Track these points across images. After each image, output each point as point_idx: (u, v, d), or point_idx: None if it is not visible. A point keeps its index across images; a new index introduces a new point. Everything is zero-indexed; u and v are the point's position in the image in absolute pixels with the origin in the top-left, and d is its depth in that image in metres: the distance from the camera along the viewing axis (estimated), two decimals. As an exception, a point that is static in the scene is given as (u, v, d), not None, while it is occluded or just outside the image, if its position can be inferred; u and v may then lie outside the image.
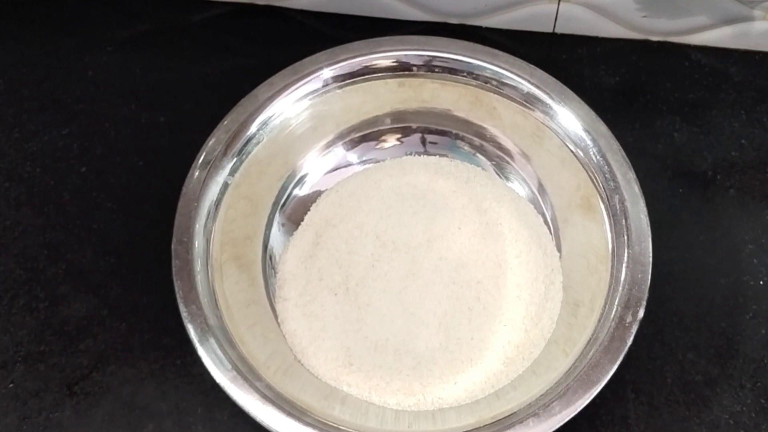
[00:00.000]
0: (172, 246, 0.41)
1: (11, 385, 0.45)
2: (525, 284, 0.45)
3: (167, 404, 0.44)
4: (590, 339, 0.40)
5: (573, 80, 0.49)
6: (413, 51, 0.48)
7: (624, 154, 0.44)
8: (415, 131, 0.51)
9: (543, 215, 0.48)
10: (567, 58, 0.57)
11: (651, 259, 0.41)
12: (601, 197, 0.44)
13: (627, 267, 0.41)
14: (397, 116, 0.50)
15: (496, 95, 0.48)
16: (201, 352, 0.38)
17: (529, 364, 0.43)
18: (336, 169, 0.50)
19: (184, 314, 0.39)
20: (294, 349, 0.44)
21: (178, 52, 0.57)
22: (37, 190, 0.52)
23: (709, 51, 0.58)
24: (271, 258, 0.47)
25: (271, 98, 0.46)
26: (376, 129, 0.51)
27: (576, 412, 0.37)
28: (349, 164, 0.50)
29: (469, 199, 0.48)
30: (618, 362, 0.38)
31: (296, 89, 0.47)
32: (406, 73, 0.48)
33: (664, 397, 0.45)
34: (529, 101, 0.47)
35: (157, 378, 0.45)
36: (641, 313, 0.39)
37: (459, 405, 0.42)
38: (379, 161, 0.50)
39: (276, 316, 0.45)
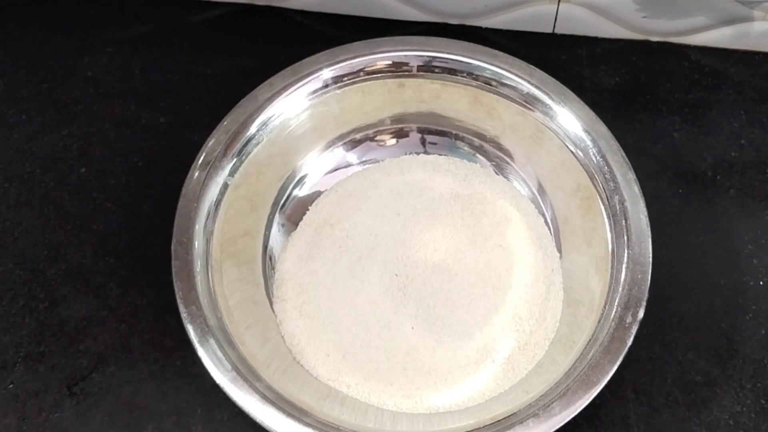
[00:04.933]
0: (172, 246, 0.41)
1: (11, 386, 0.45)
2: (526, 285, 0.45)
3: (167, 405, 0.44)
4: (590, 339, 0.40)
5: (573, 80, 0.49)
6: (413, 51, 0.48)
7: (624, 154, 0.44)
8: (414, 132, 0.51)
9: (543, 215, 0.48)
10: (567, 59, 0.57)
11: (651, 259, 0.41)
12: (601, 198, 0.44)
13: (627, 267, 0.41)
14: (397, 117, 0.50)
15: (495, 96, 0.48)
16: (201, 352, 0.38)
17: (533, 366, 0.43)
18: (336, 169, 0.50)
19: (183, 315, 0.39)
20: (292, 350, 0.44)
21: (177, 52, 0.57)
22: (36, 191, 0.52)
23: (709, 51, 0.58)
24: (270, 258, 0.47)
25: (270, 99, 0.46)
26: (375, 129, 0.51)
27: (576, 413, 0.37)
28: (349, 165, 0.50)
29: (469, 197, 0.48)
30: (618, 363, 0.38)
31: (296, 90, 0.47)
32: (406, 73, 0.48)
33: (664, 397, 0.45)
34: (528, 102, 0.47)
35: (157, 379, 0.45)
36: (641, 314, 0.39)
37: (459, 409, 0.42)
38: (378, 161, 0.50)
39: (275, 316, 0.45)
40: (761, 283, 0.48)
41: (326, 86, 0.48)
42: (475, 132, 0.50)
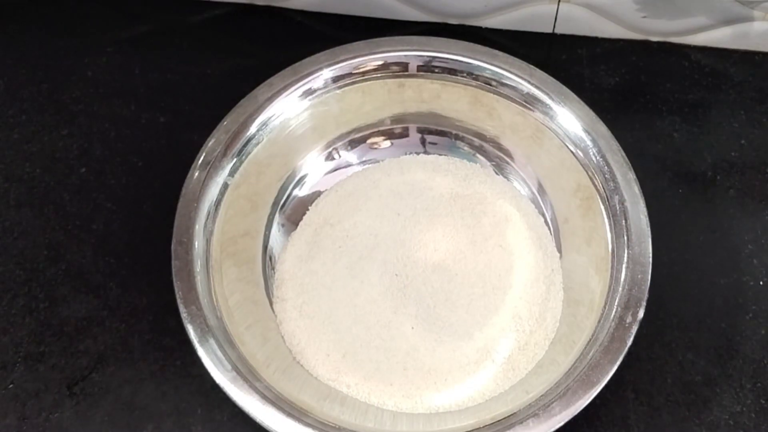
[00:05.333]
0: (172, 246, 0.41)
1: (11, 386, 0.45)
2: (526, 284, 0.45)
3: (167, 405, 0.44)
4: (590, 339, 0.40)
5: (573, 80, 0.49)
6: (413, 51, 0.48)
7: (624, 154, 0.44)
8: (414, 132, 0.51)
9: (543, 215, 0.48)
10: (567, 59, 0.57)
11: (651, 259, 0.41)
12: (601, 197, 0.44)
13: (627, 267, 0.41)
14: (397, 117, 0.50)
15: (495, 96, 0.48)
16: (201, 352, 0.38)
17: (533, 367, 0.43)
18: (336, 169, 0.50)
19: (183, 315, 0.39)
20: (292, 350, 0.44)
21: (178, 52, 0.57)
22: (36, 191, 0.52)
23: (709, 51, 0.58)
24: (270, 258, 0.47)
25: (270, 99, 0.46)
26: (375, 129, 0.51)
27: (576, 413, 0.37)
28: (349, 165, 0.50)
29: (469, 197, 0.48)
30: (618, 363, 0.38)
31: (296, 90, 0.47)
32: (406, 73, 0.48)
33: (664, 397, 0.45)
34: (528, 102, 0.47)
35: (157, 379, 0.45)
36: (641, 314, 0.39)
37: (459, 409, 0.42)
38: (378, 161, 0.50)
39: (275, 316, 0.45)
40: (761, 283, 0.48)
41: (326, 86, 0.48)
42: (475, 132, 0.50)
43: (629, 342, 0.39)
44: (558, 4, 0.56)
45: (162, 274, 0.43)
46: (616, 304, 0.40)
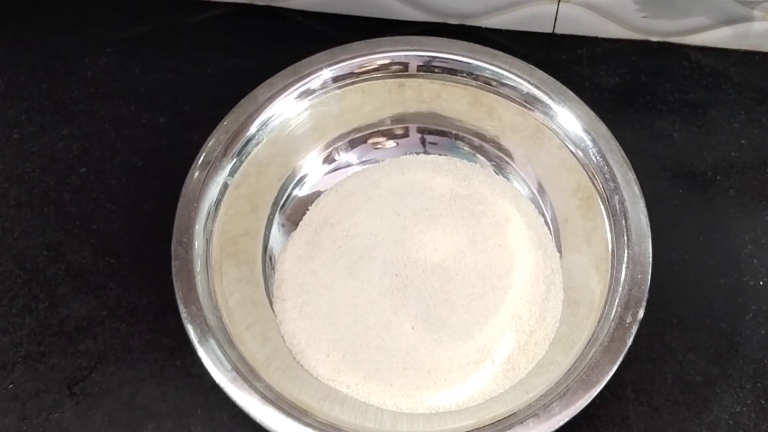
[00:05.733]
0: (172, 246, 0.41)
1: (11, 386, 0.45)
2: (526, 285, 0.45)
3: (167, 405, 0.44)
4: (590, 339, 0.40)
5: (573, 80, 0.49)
6: (413, 51, 0.48)
7: (624, 154, 0.44)
8: (414, 132, 0.51)
9: (543, 215, 0.48)
10: (567, 59, 0.57)
11: (651, 259, 0.41)
12: (601, 198, 0.44)
13: (627, 267, 0.41)
14: (397, 117, 0.50)
15: (495, 96, 0.48)
16: (201, 352, 0.38)
17: (533, 366, 0.43)
18: (336, 169, 0.50)
19: (183, 315, 0.39)
20: (292, 350, 0.44)
21: (177, 52, 0.57)
22: (36, 191, 0.52)
23: (709, 51, 0.58)
24: (270, 258, 0.47)
25: (270, 99, 0.46)
26: (375, 130, 0.51)
27: (576, 413, 0.37)
28: (349, 165, 0.50)
29: (469, 197, 0.48)
30: (618, 363, 0.38)
31: (296, 90, 0.47)
32: (406, 73, 0.48)
33: (664, 397, 0.45)
34: (528, 102, 0.47)
35: (157, 379, 0.45)
36: (641, 314, 0.39)
37: (459, 409, 0.42)
38: (378, 161, 0.50)
39: (275, 316, 0.45)
40: (761, 283, 0.48)
41: (326, 86, 0.48)
42: (475, 132, 0.50)
43: (629, 342, 0.39)
44: (558, 4, 0.56)
45: (162, 274, 0.43)
46: (616, 304, 0.40)
